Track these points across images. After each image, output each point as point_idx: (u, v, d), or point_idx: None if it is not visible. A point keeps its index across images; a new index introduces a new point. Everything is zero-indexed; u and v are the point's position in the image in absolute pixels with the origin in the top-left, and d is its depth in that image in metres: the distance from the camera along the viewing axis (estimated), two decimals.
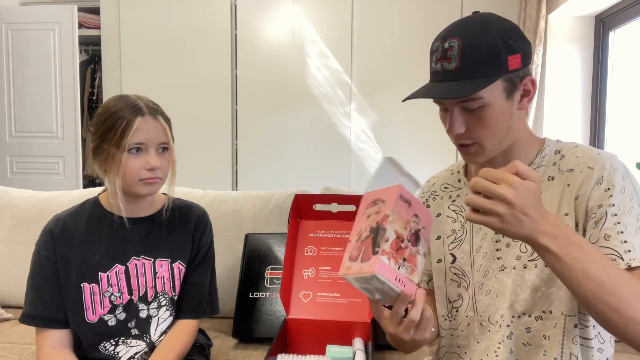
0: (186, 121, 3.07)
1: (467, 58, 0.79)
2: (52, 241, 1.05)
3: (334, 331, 1.27)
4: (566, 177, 0.84)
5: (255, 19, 3.05)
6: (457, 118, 0.83)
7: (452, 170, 1.03)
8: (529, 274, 0.83)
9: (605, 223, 0.78)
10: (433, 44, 0.84)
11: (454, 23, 0.84)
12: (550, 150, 0.89)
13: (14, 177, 3.15)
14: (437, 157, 3.03)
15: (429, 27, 2.97)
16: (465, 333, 0.92)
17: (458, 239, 0.95)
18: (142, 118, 1.00)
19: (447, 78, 0.81)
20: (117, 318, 1.06)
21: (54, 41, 3.05)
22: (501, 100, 0.81)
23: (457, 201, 0.98)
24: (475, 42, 0.79)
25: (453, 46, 0.80)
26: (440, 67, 0.82)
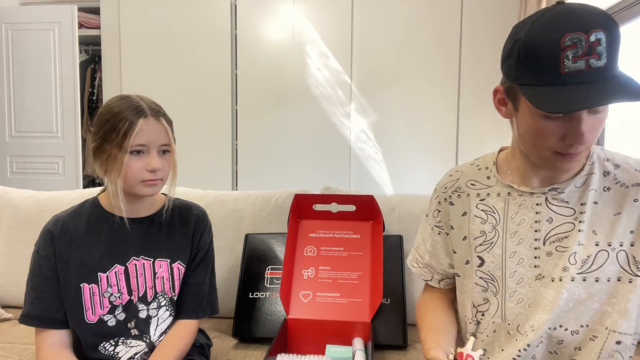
0: (186, 121, 3.07)
1: (612, 53, 0.71)
2: (51, 241, 1.05)
3: (333, 331, 1.27)
4: (634, 191, 0.81)
5: (255, 19, 3.05)
6: (587, 124, 0.72)
7: (479, 166, 0.96)
8: (576, 287, 0.80)
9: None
10: (558, 39, 0.70)
11: (573, 11, 0.71)
12: (598, 157, 0.85)
13: (14, 177, 3.15)
14: (437, 157, 3.03)
15: (429, 26, 2.97)
16: (490, 339, 0.88)
17: (489, 241, 0.89)
18: (144, 119, 1.00)
19: (595, 78, 0.70)
20: (116, 318, 1.06)
21: (54, 41, 3.05)
22: None
23: (487, 200, 0.91)
24: (617, 35, 0.72)
25: (601, 39, 0.69)
26: (585, 65, 0.69)
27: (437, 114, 3.00)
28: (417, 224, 1.53)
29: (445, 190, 0.97)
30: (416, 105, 3.02)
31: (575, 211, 0.83)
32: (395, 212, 1.56)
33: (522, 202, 0.87)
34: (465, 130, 2.98)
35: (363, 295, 1.33)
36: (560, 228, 0.83)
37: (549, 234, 0.84)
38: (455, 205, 0.95)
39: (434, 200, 1.00)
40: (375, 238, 1.40)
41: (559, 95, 0.70)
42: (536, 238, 0.85)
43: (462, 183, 0.96)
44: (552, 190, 0.84)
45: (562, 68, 0.70)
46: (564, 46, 0.69)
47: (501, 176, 0.91)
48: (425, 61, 2.99)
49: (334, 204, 1.46)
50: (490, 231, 0.89)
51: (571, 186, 0.83)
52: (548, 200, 0.84)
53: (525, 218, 0.86)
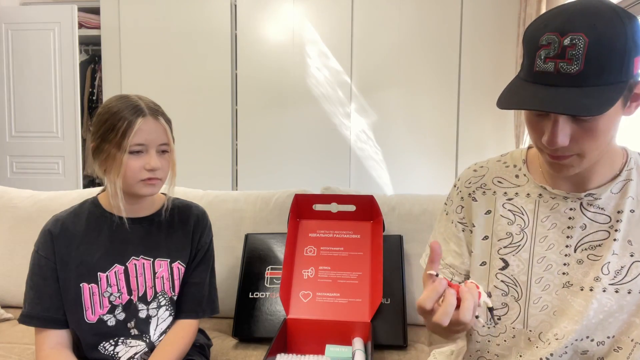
0: (186, 121, 3.07)
1: (593, 61, 0.64)
2: (51, 241, 1.05)
3: (333, 331, 1.27)
4: None
5: (255, 19, 3.05)
6: (563, 129, 0.69)
7: (507, 163, 0.90)
8: (608, 299, 0.77)
9: None
10: (539, 36, 0.68)
11: (570, 9, 0.67)
12: (636, 163, 0.81)
13: (14, 177, 3.15)
14: (437, 157, 3.03)
15: (429, 27, 2.97)
16: (508, 344, 0.85)
17: (515, 244, 0.84)
18: (143, 119, 1.00)
19: (562, 83, 0.66)
20: (116, 318, 1.06)
21: (54, 41, 3.05)
22: (617, 108, 0.69)
23: (516, 200, 0.86)
24: (606, 41, 0.64)
25: (577, 44, 0.64)
26: (554, 68, 0.66)
27: (437, 114, 3.00)
28: (417, 224, 1.53)
29: (470, 186, 0.91)
30: (416, 105, 3.02)
31: (611, 219, 0.79)
32: (395, 212, 1.56)
33: (555, 205, 0.82)
34: (465, 130, 2.98)
35: (363, 295, 1.33)
36: (594, 236, 0.79)
37: (582, 241, 0.80)
38: (479, 202, 0.89)
39: (456, 196, 0.94)
40: (375, 238, 1.40)
41: (518, 92, 0.70)
42: (567, 245, 0.80)
43: (487, 180, 0.90)
44: (588, 195, 0.79)
45: (535, 66, 0.68)
46: (540, 45, 0.67)
47: (533, 175, 0.86)
48: (425, 61, 2.99)
49: (334, 204, 1.46)
50: (517, 233, 0.84)
51: (608, 192, 0.79)
52: (583, 205, 0.80)
53: (557, 223, 0.82)
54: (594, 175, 0.79)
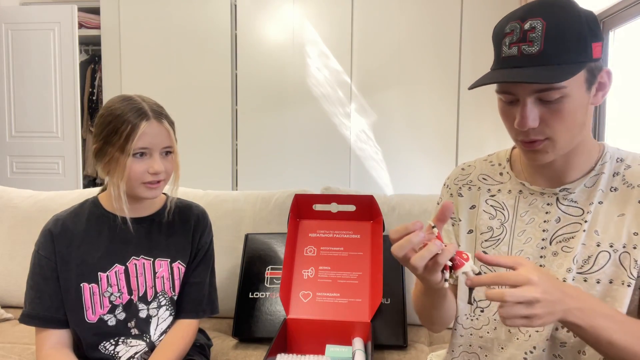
0: (186, 121, 3.07)
1: (552, 41, 0.70)
2: (51, 241, 1.05)
3: (333, 331, 1.27)
4: (638, 192, 0.79)
5: (255, 19, 3.05)
6: (532, 110, 0.73)
7: (492, 162, 0.96)
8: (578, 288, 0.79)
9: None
10: (504, 26, 0.75)
11: (531, 3, 0.74)
12: (611, 157, 0.83)
13: (14, 177, 3.15)
14: (437, 157, 3.03)
15: (429, 27, 2.97)
16: (490, 336, 0.87)
17: (495, 237, 0.88)
18: (147, 122, 0.99)
19: (526, 63, 0.72)
20: (116, 318, 1.06)
21: (54, 41, 3.05)
22: (581, 91, 0.74)
23: (498, 197, 0.90)
24: (562, 23, 0.70)
25: (536, 27, 0.70)
26: (517, 51, 0.72)
27: (437, 114, 3.00)
28: None
29: (457, 183, 0.97)
30: (416, 105, 3.02)
31: (583, 211, 0.82)
32: (395, 212, 1.56)
33: (533, 201, 0.86)
34: (465, 130, 2.98)
35: (363, 295, 1.33)
36: (567, 228, 0.83)
37: (556, 234, 0.83)
38: (465, 198, 0.94)
39: (446, 193, 0.99)
40: (375, 238, 1.40)
41: (487, 76, 0.76)
42: (543, 238, 0.84)
43: (474, 177, 0.95)
44: (562, 190, 0.83)
45: (501, 53, 0.75)
46: (505, 33, 0.74)
47: (515, 173, 0.90)
48: (425, 61, 2.99)
49: (334, 204, 1.46)
50: (498, 227, 0.89)
51: (581, 186, 0.82)
52: (559, 200, 0.84)
53: (535, 217, 0.85)
54: (570, 169, 0.82)
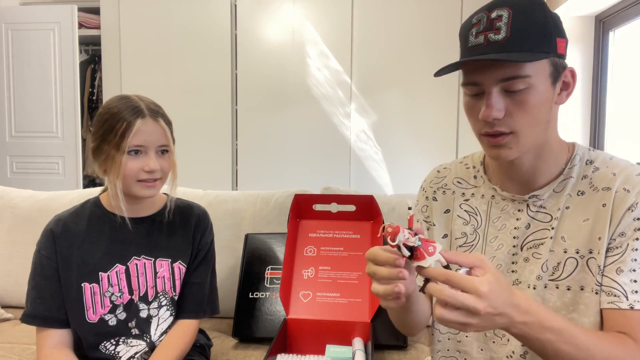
0: (186, 121, 3.07)
1: (517, 29, 0.70)
2: (52, 241, 1.05)
3: (333, 331, 1.27)
4: (601, 196, 0.77)
5: (255, 19, 3.05)
6: (497, 100, 0.72)
7: (467, 164, 0.94)
8: (550, 295, 0.78)
9: (622, 256, 0.73)
10: (471, 18, 0.76)
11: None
12: (581, 159, 0.81)
13: (14, 177, 3.15)
14: (437, 158, 3.02)
15: (429, 27, 2.97)
16: (468, 339, 0.87)
17: (469, 243, 0.88)
18: (142, 120, 1.00)
19: (492, 50, 0.71)
20: (117, 318, 1.06)
21: (54, 41, 3.05)
22: (547, 85, 0.73)
23: (472, 201, 0.89)
24: (528, 14, 0.71)
25: (502, 15, 0.71)
26: (484, 39, 0.72)
27: (437, 114, 3.00)
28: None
29: (432, 186, 0.96)
30: (416, 105, 3.02)
31: (551, 217, 0.80)
32: (395, 212, 1.56)
33: (505, 206, 0.85)
34: (465, 130, 2.98)
35: (363, 295, 1.33)
36: (536, 234, 0.81)
37: (526, 240, 0.82)
38: (439, 202, 0.93)
39: (422, 197, 0.98)
40: (375, 238, 1.40)
41: (454, 64, 0.75)
42: (514, 245, 0.83)
43: (448, 180, 0.94)
44: (532, 197, 0.82)
45: (468, 43, 0.75)
46: (472, 24, 0.75)
47: (488, 177, 0.89)
48: (425, 61, 2.99)
49: (334, 204, 1.46)
50: (471, 233, 0.88)
51: (550, 191, 0.81)
52: (529, 206, 0.82)
53: (507, 223, 0.84)
54: (538, 174, 0.81)
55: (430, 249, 0.63)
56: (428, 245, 0.63)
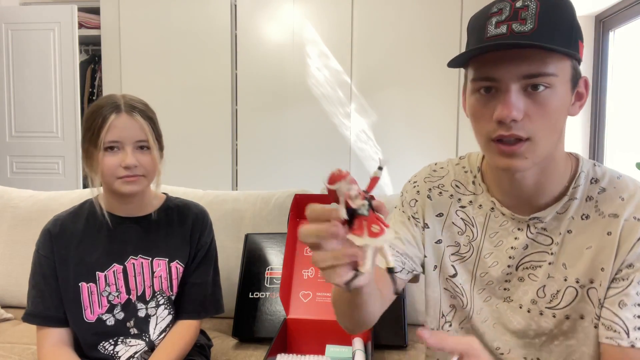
0: (186, 121, 3.07)
1: (546, 22, 0.63)
2: (50, 241, 1.05)
3: (333, 331, 1.27)
4: (607, 223, 0.70)
5: (255, 19, 3.05)
6: (517, 99, 0.65)
7: (465, 168, 0.86)
8: (545, 322, 0.75)
9: (627, 289, 0.67)
10: (489, 8, 0.68)
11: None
12: (586, 177, 0.74)
13: (14, 177, 3.15)
14: (437, 158, 3.01)
15: (429, 26, 2.97)
16: None
17: (462, 254, 0.82)
18: (116, 115, 0.99)
19: (521, 41, 0.64)
20: (115, 317, 1.06)
21: (54, 41, 3.05)
22: (567, 89, 0.67)
23: (469, 209, 0.82)
24: (556, 8, 0.65)
25: (529, 6, 0.64)
26: (507, 29, 0.64)
27: (437, 114, 3.00)
28: None
29: (427, 182, 0.87)
30: (416, 105, 3.02)
31: (552, 240, 0.75)
32: None
33: (504, 222, 0.79)
34: (465, 130, 2.98)
35: None
36: (534, 256, 0.76)
37: (522, 260, 0.77)
38: (433, 202, 0.85)
39: (412, 190, 0.88)
40: None
41: (468, 52, 0.67)
42: (509, 264, 0.78)
43: (446, 181, 0.86)
44: (533, 219, 0.76)
45: (485, 33, 0.67)
46: (490, 13, 0.67)
47: (487, 185, 0.81)
48: (425, 61, 2.99)
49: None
50: (465, 244, 0.81)
51: (553, 213, 0.75)
52: (529, 227, 0.76)
53: (504, 241, 0.79)
54: (542, 192, 0.74)
55: (376, 228, 0.46)
56: (375, 222, 0.47)
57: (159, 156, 1.06)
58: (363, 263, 0.48)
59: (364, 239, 0.47)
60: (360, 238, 0.47)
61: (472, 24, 0.72)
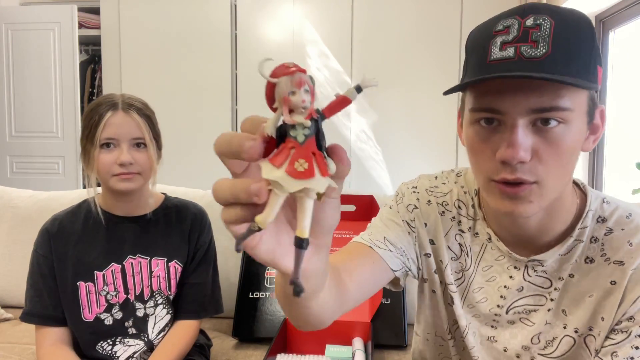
0: (186, 121, 3.07)
1: (561, 46, 0.53)
2: (48, 240, 1.05)
3: (333, 331, 1.27)
4: (612, 270, 0.64)
5: (255, 19, 3.05)
6: (525, 137, 0.55)
7: (464, 188, 0.77)
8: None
9: (623, 342, 0.62)
10: (493, 23, 0.57)
11: (525, 4, 0.58)
12: (593, 216, 0.66)
13: (14, 177, 3.15)
14: (437, 157, 3.03)
15: (429, 27, 2.97)
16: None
17: (450, 283, 0.75)
18: (113, 112, 1.00)
19: (526, 68, 0.54)
20: (113, 317, 1.06)
21: (54, 41, 3.05)
22: (582, 124, 0.58)
23: (466, 236, 0.74)
24: (574, 28, 0.55)
25: (542, 25, 0.54)
26: (515, 53, 0.54)
27: (437, 114, 3.00)
28: None
29: (429, 194, 0.78)
30: (416, 105, 3.02)
31: (551, 284, 0.68)
32: None
33: (499, 257, 0.72)
34: None
35: None
36: (529, 299, 0.70)
37: (515, 304, 0.71)
38: (431, 217, 0.76)
39: (411, 196, 0.79)
40: None
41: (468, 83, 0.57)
42: (499, 305, 0.71)
43: (450, 200, 0.77)
44: (533, 261, 0.68)
45: (488, 56, 0.56)
46: (495, 32, 0.57)
47: (483, 212, 0.73)
48: (425, 61, 2.99)
49: None
50: (457, 272, 0.75)
51: (556, 256, 0.67)
52: (527, 269, 0.69)
53: (497, 277, 0.72)
54: (545, 232, 0.67)
55: (301, 165, 0.31)
56: (306, 158, 0.32)
57: (156, 155, 1.06)
58: (262, 210, 0.31)
59: (275, 172, 0.31)
60: (272, 169, 0.31)
61: (472, 41, 0.62)
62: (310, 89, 0.33)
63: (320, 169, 0.32)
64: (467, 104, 0.62)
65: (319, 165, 0.32)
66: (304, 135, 0.32)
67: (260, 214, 0.32)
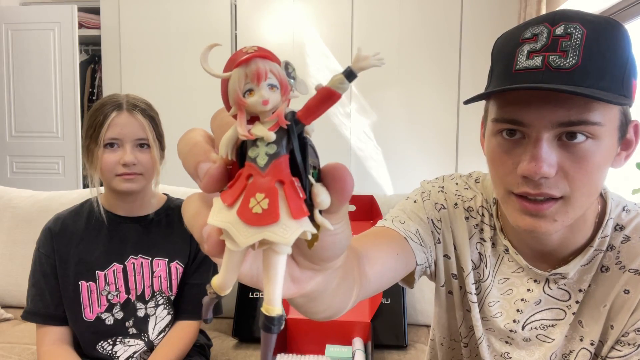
0: (186, 121, 3.07)
1: (592, 56, 0.50)
2: (50, 239, 1.06)
3: (333, 331, 1.27)
4: (627, 279, 0.61)
5: (255, 19, 3.05)
6: (550, 151, 0.53)
7: (484, 194, 0.73)
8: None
9: (632, 354, 0.60)
10: (521, 30, 0.54)
11: (558, 10, 0.54)
12: (615, 223, 0.64)
13: (14, 177, 3.15)
14: (437, 157, 3.03)
15: (429, 26, 2.97)
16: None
17: (469, 291, 0.72)
18: (117, 113, 1.00)
19: (554, 79, 0.51)
20: (114, 317, 1.06)
21: (54, 41, 3.05)
22: (613, 140, 0.55)
23: (486, 246, 0.71)
24: (608, 39, 0.51)
25: (572, 34, 0.51)
26: (542, 62, 0.51)
27: (437, 114, 3.00)
28: None
29: (457, 197, 0.74)
30: (416, 105, 3.02)
31: (570, 296, 0.65)
32: None
33: (518, 270, 0.69)
34: (465, 130, 2.98)
35: None
36: (547, 314, 0.67)
37: (531, 319, 0.68)
38: (457, 222, 0.73)
39: (437, 193, 0.75)
40: None
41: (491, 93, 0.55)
42: (515, 319, 0.68)
43: (474, 205, 0.73)
44: (554, 274, 0.65)
45: (514, 65, 0.54)
46: (523, 39, 0.54)
47: (501, 223, 0.70)
48: (425, 61, 2.99)
49: None
50: (473, 283, 0.71)
51: (577, 267, 0.64)
52: (548, 282, 0.66)
53: (513, 290, 0.69)
54: (566, 246, 0.64)
55: (258, 205, 0.23)
56: (278, 181, 0.24)
57: (160, 156, 1.07)
58: (219, 270, 0.24)
59: (224, 215, 0.23)
60: (220, 210, 0.23)
61: (498, 48, 0.59)
62: (280, 83, 0.23)
63: (290, 207, 0.22)
64: (490, 114, 0.60)
65: (289, 200, 0.22)
66: (266, 156, 0.23)
67: (216, 276, 0.24)
